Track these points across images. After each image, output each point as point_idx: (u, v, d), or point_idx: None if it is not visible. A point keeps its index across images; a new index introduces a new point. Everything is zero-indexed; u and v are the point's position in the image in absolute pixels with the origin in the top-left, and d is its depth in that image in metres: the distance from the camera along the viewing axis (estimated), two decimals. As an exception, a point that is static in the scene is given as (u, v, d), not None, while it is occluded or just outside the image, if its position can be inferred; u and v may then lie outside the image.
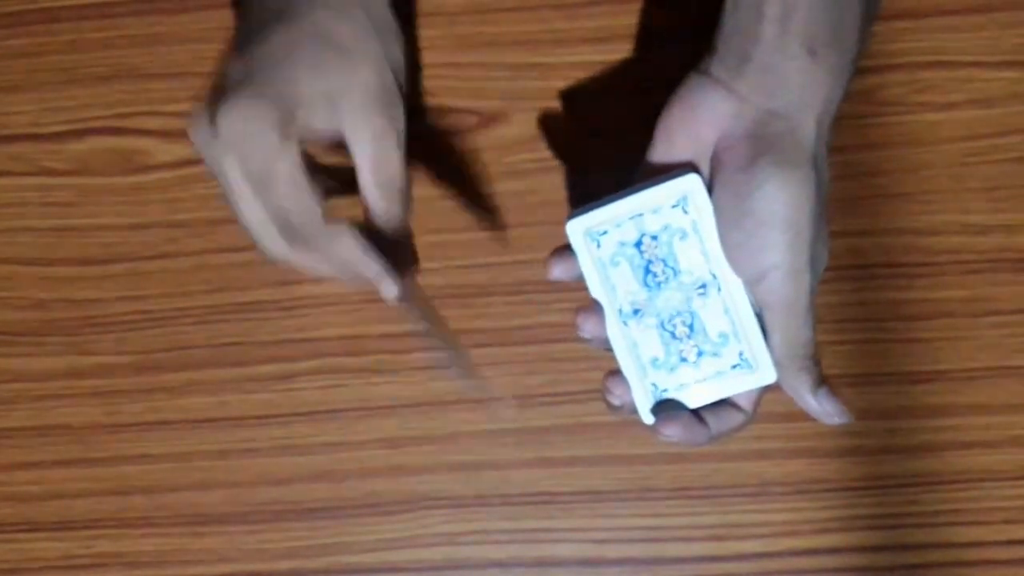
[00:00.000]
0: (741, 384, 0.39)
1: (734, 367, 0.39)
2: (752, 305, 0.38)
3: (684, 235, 0.38)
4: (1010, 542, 0.48)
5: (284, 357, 0.50)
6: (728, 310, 0.38)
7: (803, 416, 0.48)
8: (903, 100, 0.48)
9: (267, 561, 0.50)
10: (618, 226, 0.39)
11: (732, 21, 0.37)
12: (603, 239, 0.39)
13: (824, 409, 0.39)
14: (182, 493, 0.50)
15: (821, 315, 0.48)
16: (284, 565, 0.50)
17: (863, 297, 0.48)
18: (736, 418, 0.40)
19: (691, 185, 0.37)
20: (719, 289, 0.38)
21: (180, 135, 0.50)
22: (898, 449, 0.48)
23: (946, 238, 0.48)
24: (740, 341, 0.38)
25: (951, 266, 0.48)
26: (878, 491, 0.48)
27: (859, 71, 0.48)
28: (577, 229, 0.39)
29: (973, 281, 0.48)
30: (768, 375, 0.39)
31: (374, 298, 0.50)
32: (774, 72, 0.36)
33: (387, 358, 0.50)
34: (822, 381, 0.39)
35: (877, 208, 0.48)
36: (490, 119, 0.49)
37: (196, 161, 0.50)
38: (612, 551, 0.49)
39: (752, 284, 0.38)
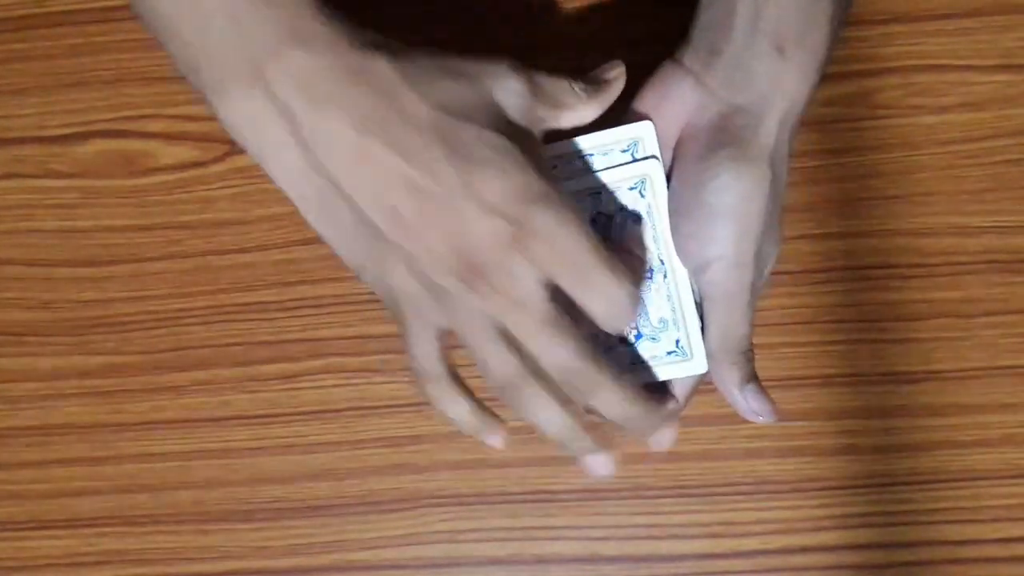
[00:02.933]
0: (673, 371, 0.39)
1: (669, 353, 0.39)
2: (695, 295, 0.39)
3: (638, 218, 0.38)
4: (1005, 540, 0.48)
5: (286, 357, 0.50)
6: (671, 297, 0.38)
7: (798, 415, 0.49)
8: (897, 103, 0.48)
9: (270, 558, 0.51)
10: (577, 202, 0.39)
11: (707, 15, 0.37)
12: None
13: (749, 406, 0.39)
14: (186, 491, 0.51)
15: (816, 315, 0.49)
16: (286, 562, 0.51)
17: (858, 298, 0.49)
18: (668, 405, 0.40)
19: (650, 169, 0.37)
20: (665, 276, 0.39)
21: (183, 138, 0.51)
22: (893, 448, 0.49)
23: (940, 239, 0.48)
24: (679, 329, 0.39)
25: (945, 267, 0.48)
26: (874, 489, 0.49)
27: (854, 75, 0.48)
28: None
29: (966, 282, 0.48)
30: (700, 366, 0.39)
31: (375, 297, 0.50)
32: (742, 68, 0.36)
33: (388, 358, 0.50)
34: (752, 378, 0.39)
35: (872, 210, 0.49)
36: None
37: (199, 163, 0.51)
38: (610, 548, 0.50)
39: (696, 274, 0.38)
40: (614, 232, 0.39)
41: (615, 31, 0.49)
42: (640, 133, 0.37)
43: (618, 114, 0.38)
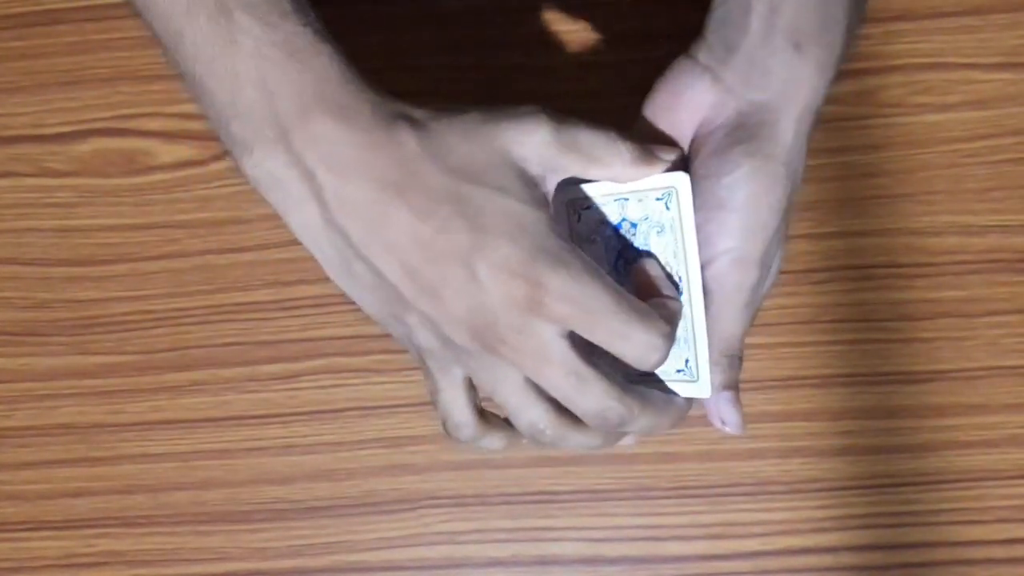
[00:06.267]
0: (678, 390, 0.38)
1: (678, 371, 0.38)
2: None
3: (661, 230, 0.38)
4: (1009, 541, 0.48)
5: (285, 357, 0.50)
6: (685, 316, 0.38)
7: (800, 415, 0.49)
8: (902, 101, 0.48)
9: (269, 560, 0.50)
10: (602, 205, 0.38)
11: (722, 11, 0.37)
12: (584, 214, 0.38)
13: (719, 411, 0.39)
14: (184, 492, 0.51)
15: (818, 315, 0.48)
16: (286, 564, 0.50)
17: (862, 297, 0.49)
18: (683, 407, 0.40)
19: (678, 181, 0.37)
20: (682, 292, 0.38)
21: (182, 136, 0.50)
22: (896, 448, 0.48)
23: (944, 238, 0.48)
24: (689, 348, 0.38)
25: (949, 266, 0.48)
26: (876, 490, 0.48)
27: (858, 73, 0.48)
28: (560, 198, 0.38)
29: (971, 281, 0.48)
30: (705, 389, 0.38)
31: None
32: (759, 64, 0.36)
33: (387, 358, 0.50)
34: (731, 386, 0.38)
35: (875, 208, 0.48)
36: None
37: (197, 162, 0.50)
38: (611, 550, 0.49)
39: (704, 269, 0.37)
40: (636, 242, 0.38)
41: (637, 24, 0.49)
42: (674, 182, 0.37)
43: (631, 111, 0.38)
